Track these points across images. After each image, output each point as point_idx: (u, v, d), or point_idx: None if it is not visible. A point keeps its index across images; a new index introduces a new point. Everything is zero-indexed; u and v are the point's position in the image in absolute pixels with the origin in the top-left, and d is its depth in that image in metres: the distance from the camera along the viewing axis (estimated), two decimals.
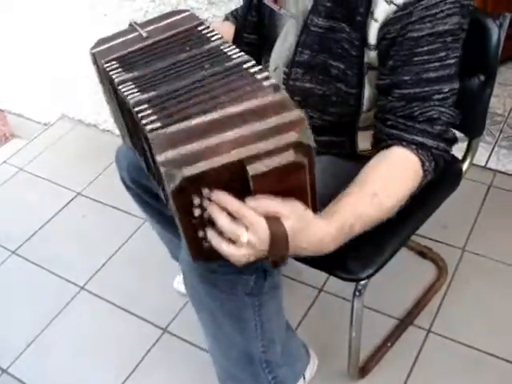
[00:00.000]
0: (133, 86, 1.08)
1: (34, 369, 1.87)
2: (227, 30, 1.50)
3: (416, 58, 1.11)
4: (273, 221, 0.93)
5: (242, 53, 1.09)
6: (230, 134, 0.91)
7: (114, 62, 1.17)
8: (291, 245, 0.95)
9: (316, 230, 0.99)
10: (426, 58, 1.11)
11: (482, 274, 1.90)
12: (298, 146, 0.90)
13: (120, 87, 1.09)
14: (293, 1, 1.28)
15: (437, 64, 1.11)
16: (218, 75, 1.05)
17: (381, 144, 1.16)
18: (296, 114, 0.92)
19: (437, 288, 1.87)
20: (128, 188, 1.60)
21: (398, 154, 1.12)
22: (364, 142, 1.31)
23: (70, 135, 2.93)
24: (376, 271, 1.31)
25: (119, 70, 1.15)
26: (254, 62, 1.06)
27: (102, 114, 2.77)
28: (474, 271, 1.91)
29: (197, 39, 1.19)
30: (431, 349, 1.72)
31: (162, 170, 0.89)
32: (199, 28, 1.22)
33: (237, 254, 0.96)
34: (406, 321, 1.80)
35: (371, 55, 1.18)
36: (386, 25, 1.12)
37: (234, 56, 1.09)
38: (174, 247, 1.80)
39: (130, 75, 1.12)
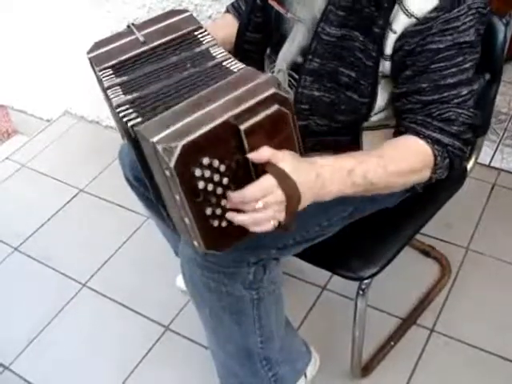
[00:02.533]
0: (119, 90, 1.13)
1: (36, 366, 1.87)
2: (229, 23, 1.49)
3: (433, 66, 1.11)
4: (273, 170, 0.96)
5: (226, 52, 1.16)
6: (213, 106, 0.98)
7: (108, 70, 1.19)
8: (299, 182, 0.97)
9: (315, 163, 1.02)
10: (443, 65, 1.10)
11: (485, 273, 1.89)
12: (277, 99, 0.98)
13: (108, 91, 1.13)
14: (300, 5, 1.26)
15: (454, 69, 1.11)
16: (197, 74, 1.12)
17: (397, 135, 1.17)
18: (265, 76, 1.02)
19: (440, 287, 1.86)
20: (131, 185, 1.60)
21: (413, 139, 1.13)
22: (369, 143, 1.30)
23: (72, 132, 2.93)
24: (380, 270, 1.30)
25: (111, 75, 1.18)
26: (233, 59, 1.13)
27: (105, 111, 2.74)
28: (478, 270, 1.90)
29: (189, 43, 1.21)
30: (434, 348, 1.72)
31: (159, 147, 0.92)
32: (195, 33, 1.23)
33: (260, 219, 0.97)
34: (409, 320, 1.79)
35: (385, 65, 1.17)
36: (404, 36, 1.12)
37: (218, 56, 1.16)
38: (176, 244, 1.79)
39: (119, 80, 1.16)
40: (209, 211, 0.99)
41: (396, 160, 1.10)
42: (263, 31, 1.40)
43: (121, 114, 1.06)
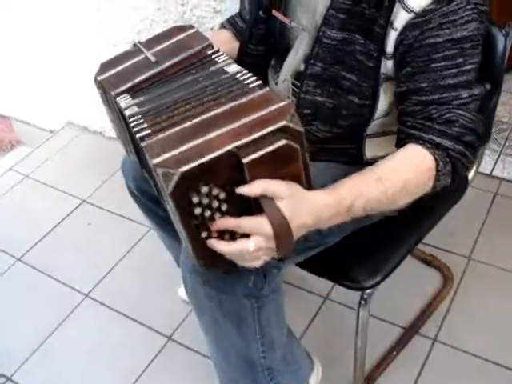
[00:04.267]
0: (137, 109, 1.11)
1: (39, 377, 1.87)
2: (224, 39, 1.50)
3: (433, 65, 1.11)
4: (269, 208, 0.94)
5: (239, 67, 1.13)
6: (221, 131, 0.95)
7: (124, 95, 1.17)
8: (294, 226, 0.97)
9: (313, 201, 1.00)
10: (443, 64, 1.10)
11: (487, 283, 1.89)
12: (287, 132, 0.93)
13: (126, 112, 1.11)
14: (303, 14, 1.28)
15: (454, 70, 1.10)
16: (209, 87, 1.10)
17: (400, 143, 1.16)
18: (281, 103, 0.97)
19: (442, 296, 1.86)
20: (134, 197, 1.61)
21: (411, 148, 1.12)
22: (372, 150, 1.30)
23: (75, 142, 2.94)
24: (382, 280, 1.31)
25: (127, 96, 1.16)
26: (245, 71, 1.10)
27: (108, 122, 2.76)
28: (480, 279, 1.90)
29: (204, 62, 1.20)
30: (437, 358, 1.72)
31: (159, 171, 0.91)
32: (208, 52, 1.22)
33: (251, 258, 0.99)
34: (411, 329, 1.79)
35: (388, 65, 1.18)
36: (404, 31, 1.12)
37: (230, 70, 1.13)
38: (179, 255, 1.80)
39: (137, 100, 1.13)
40: (204, 234, 0.99)
41: (396, 181, 1.08)
42: (266, 43, 1.41)
43: (131, 124, 1.05)
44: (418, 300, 1.87)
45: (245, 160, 0.91)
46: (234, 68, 1.14)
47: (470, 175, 1.52)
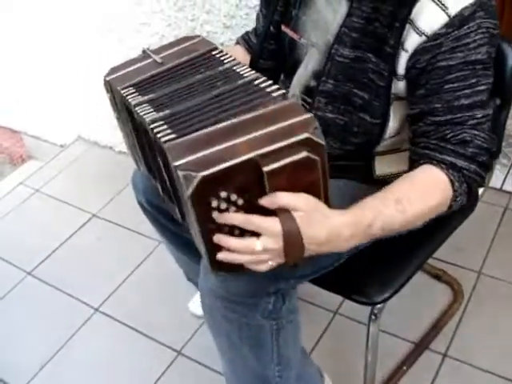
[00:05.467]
0: (149, 107, 1.11)
1: None
2: (237, 54, 1.50)
3: (447, 86, 1.11)
4: (283, 216, 0.95)
5: (254, 71, 1.13)
6: (244, 138, 0.95)
7: (130, 88, 1.19)
8: (307, 237, 0.96)
9: (331, 220, 0.98)
10: (456, 85, 1.10)
11: (498, 298, 1.88)
12: (308, 144, 0.93)
13: (136, 109, 1.12)
14: (314, 30, 1.29)
15: (468, 91, 1.11)
16: (229, 92, 1.10)
17: (414, 165, 1.15)
18: (305, 115, 0.97)
19: (452, 311, 1.85)
20: (145, 210, 1.61)
21: (426, 170, 1.12)
22: (381, 167, 1.31)
23: (85, 157, 2.96)
24: (392, 295, 1.30)
25: (135, 94, 1.17)
26: (264, 78, 1.10)
27: (118, 136, 2.77)
28: (490, 294, 1.90)
29: (211, 62, 1.21)
30: (447, 373, 1.71)
31: (180, 173, 0.92)
32: (213, 53, 1.25)
33: (257, 260, 0.98)
34: (421, 344, 1.78)
35: (399, 85, 1.18)
36: (415, 54, 1.12)
37: (246, 74, 1.13)
38: (189, 269, 1.80)
39: (146, 98, 1.14)
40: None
41: (414, 202, 1.07)
42: (276, 58, 1.42)
43: (155, 131, 1.04)
44: (428, 315, 1.86)
45: (265, 169, 0.92)
46: (248, 71, 1.14)
47: (481, 190, 1.51)
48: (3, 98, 3.24)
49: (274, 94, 1.05)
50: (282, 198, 0.94)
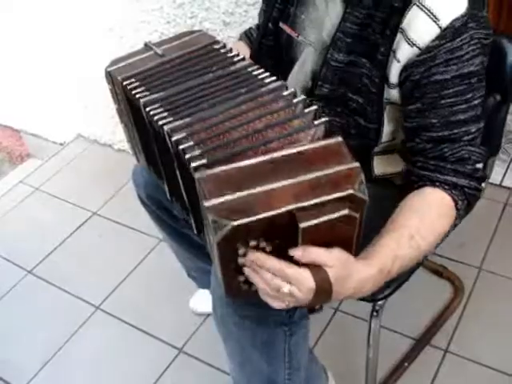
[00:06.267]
0: (162, 109, 1.05)
1: None
2: (242, 51, 1.51)
3: (443, 101, 1.10)
4: (317, 271, 0.91)
5: (274, 77, 1.08)
6: (281, 184, 0.88)
7: (133, 80, 1.15)
8: (335, 291, 0.94)
9: (359, 275, 0.97)
10: (453, 100, 1.10)
11: (498, 293, 1.88)
12: (351, 200, 0.87)
13: (148, 109, 1.06)
14: (312, 29, 1.29)
15: (464, 106, 1.10)
16: (255, 101, 1.03)
17: (412, 185, 1.14)
18: (352, 165, 0.90)
19: (453, 307, 1.86)
20: (145, 205, 1.61)
21: (432, 194, 1.11)
22: (380, 167, 1.30)
23: (85, 155, 2.96)
24: (393, 291, 1.30)
25: (141, 88, 1.13)
26: (293, 90, 1.04)
27: (118, 134, 2.79)
28: (491, 290, 1.90)
29: (216, 58, 1.19)
30: (448, 369, 1.71)
31: (210, 217, 0.85)
32: (215, 46, 1.23)
33: (277, 297, 0.95)
34: (422, 341, 1.78)
35: (392, 93, 1.18)
36: (408, 67, 1.11)
37: (267, 80, 1.08)
38: (190, 265, 1.80)
39: (156, 96, 1.09)
40: (241, 279, 0.96)
41: (427, 236, 1.07)
42: (274, 56, 1.42)
43: (181, 147, 0.95)
44: (429, 311, 1.86)
45: (302, 225, 0.85)
46: (263, 75, 1.09)
47: None
48: (3, 97, 3.23)
49: (316, 122, 0.97)
50: (315, 254, 0.91)
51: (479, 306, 1.85)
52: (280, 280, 0.91)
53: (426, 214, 1.10)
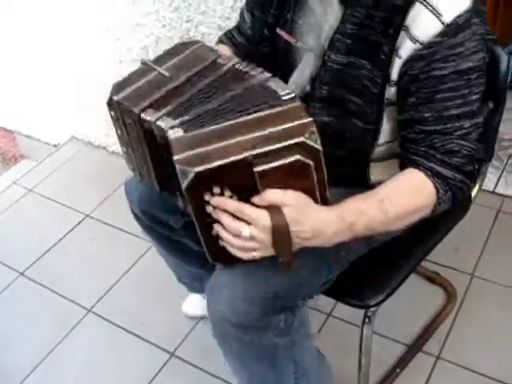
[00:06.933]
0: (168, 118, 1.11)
1: None
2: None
3: (438, 96, 1.11)
4: (273, 211, 0.99)
5: (266, 72, 1.16)
6: (242, 138, 0.99)
7: (150, 111, 1.13)
8: (293, 230, 1.01)
9: (316, 214, 1.03)
10: (448, 95, 1.10)
11: (491, 300, 1.89)
12: (303, 148, 0.97)
13: (158, 123, 1.10)
14: (310, 34, 1.28)
15: (459, 101, 1.11)
16: (242, 93, 1.13)
17: (403, 167, 1.17)
18: (305, 119, 1.00)
19: (446, 314, 1.86)
20: (138, 219, 1.60)
21: (412, 173, 1.13)
22: (376, 174, 1.31)
23: (79, 157, 2.95)
24: (386, 298, 1.31)
25: (160, 117, 1.11)
26: (277, 80, 1.14)
27: (111, 136, 2.79)
28: (484, 297, 1.90)
29: (219, 69, 1.20)
30: (440, 375, 1.71)
31: (178, 167, 0.97)
32: (219, 61, 1.23)
33: (242, 246, 1.03)
34: (414, 347, 1.78)
35: (391, 91, 1.18)
36: (409, 61, 1.12)
37: (259, 76, 1.16)
38: (180, 271, 1.79)
39: (178, 121, 1.09)
40: (215, 232, 1.05)
41: (397, 203, 1.10)
42: (270, 61, 1.39)
43: (166, 129, 1.06)
44: (421, 317, 1.86)
45: (256, 169, 0.96)
46: (260, 72, 1.17)
47: (474, 192, 1.51)
48: None
49: (285, 97, 1.07)
50: (271, 195, 0.99)
51: (471, 313, 1.86)
52: (238, 222, 1.01)
53: (400, 184, 1.14)
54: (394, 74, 1.15)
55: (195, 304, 1.95)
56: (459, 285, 1.93)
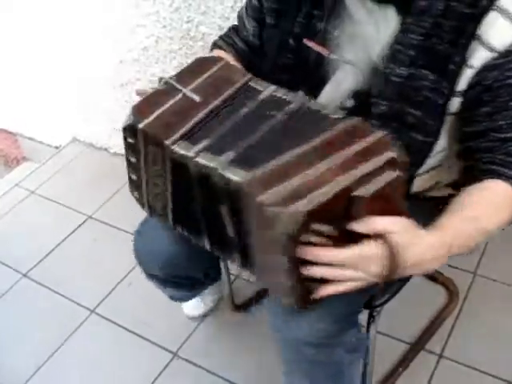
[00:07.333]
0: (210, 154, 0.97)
1: None
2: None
3: None
4: (380, 240, 0.90)
5: (298, 95, 1.07)
6: (324, 164, 0.86)
7: (181, 142, 1.00)
8: (400, 260, 0.92)
9: (421, 239, 0.95)
10: None
11: (493, 299, 1.89)
12: (393, 162, 0.88)
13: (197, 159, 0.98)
14: (349, 46, 1.20)
15: None
16: (285, 121, 1.02)
17: (476, 179, 1.09)
18: (379, 133, 0.92)
19: (448, 312, 1.86)
20: (156, 278, 1.58)
21: (497, 184, 1.07)
22: (417, 184, 1.25)
23: (81, 158, 2.95)
24: (390, 298, 1.30)
25: (192, 147, 0.99)
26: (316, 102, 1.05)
27: (113, 138, 2.79)
28: (486, 295, 1.90)
29: (251, 93, 1.09)
30: (443, 374, 1.71)
31: (268, 211, 0.81)
32: (251, 83, 1.11)
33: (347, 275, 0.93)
34: (417, 345, 1.79)
35: (454, 102, 1.12)
36: (482, 71, 1.07)
37: (293, 100, 1.06)
38: (174, 294, 1.81)
39: (223, 157, 0.96)
40: (305, 272, 0.91)
41: (491, 220, 1.04)
42: (293, 72, 1.29)
43: (226, 175, 0.91)
44: (424, 316, 1.86)
45: (360, 195, 0.85)
46: (293, 96, 1.07)
47: None
48: None
49: (333, 116, 0.98)
50: (379, 225, 0.89)
51: (474, 311, 1.86)
52: (352, 271, 0.91)
53: (490, 199, 1.06)
54: (462, 84, 1.10)
55: (194, 306, 1.97)
56: (461, 283, 1.93)
